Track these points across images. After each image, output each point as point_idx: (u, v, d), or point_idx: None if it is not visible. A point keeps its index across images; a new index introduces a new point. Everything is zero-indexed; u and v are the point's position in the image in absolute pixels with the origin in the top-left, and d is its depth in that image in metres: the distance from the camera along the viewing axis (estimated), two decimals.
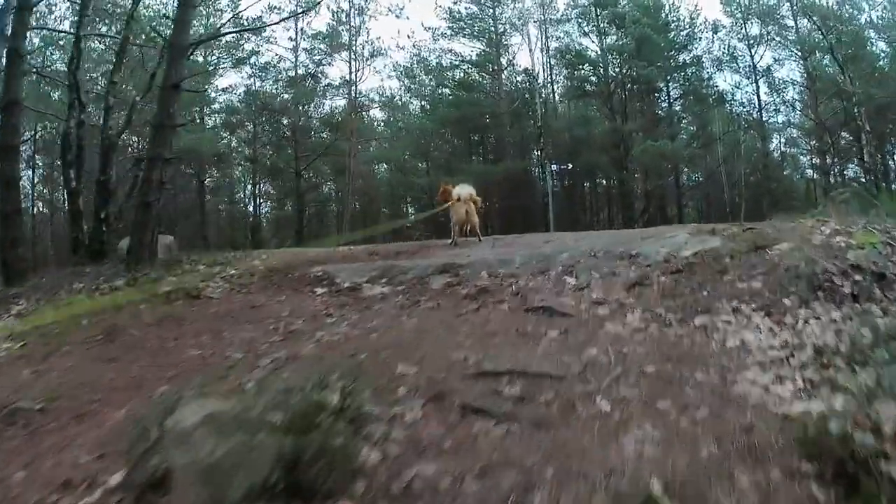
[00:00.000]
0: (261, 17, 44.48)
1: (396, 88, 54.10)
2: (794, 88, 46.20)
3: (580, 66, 47.30)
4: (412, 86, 51.13)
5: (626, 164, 44.10)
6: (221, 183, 52.27)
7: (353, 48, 47.04)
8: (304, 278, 10.76)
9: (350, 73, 47.50)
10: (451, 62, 48.92)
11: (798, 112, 47.43)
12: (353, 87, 47.80)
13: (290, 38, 47.03)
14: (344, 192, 47.20)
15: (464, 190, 14.06)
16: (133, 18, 20.40)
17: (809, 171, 50.47)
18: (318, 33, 46.96)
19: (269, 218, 53.05)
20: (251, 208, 51.92)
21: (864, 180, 42.43)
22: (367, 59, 47.66)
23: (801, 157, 50.93)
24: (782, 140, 49.48)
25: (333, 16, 46.86)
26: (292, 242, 43.17)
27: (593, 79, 47.46)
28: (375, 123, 54.19)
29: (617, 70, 46.10)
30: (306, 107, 48.63)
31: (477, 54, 48.84)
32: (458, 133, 50.44)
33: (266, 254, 14.51)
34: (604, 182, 51.64)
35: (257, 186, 51.59)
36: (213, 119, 48.95)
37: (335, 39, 46.84)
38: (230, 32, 19.80)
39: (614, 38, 45.67)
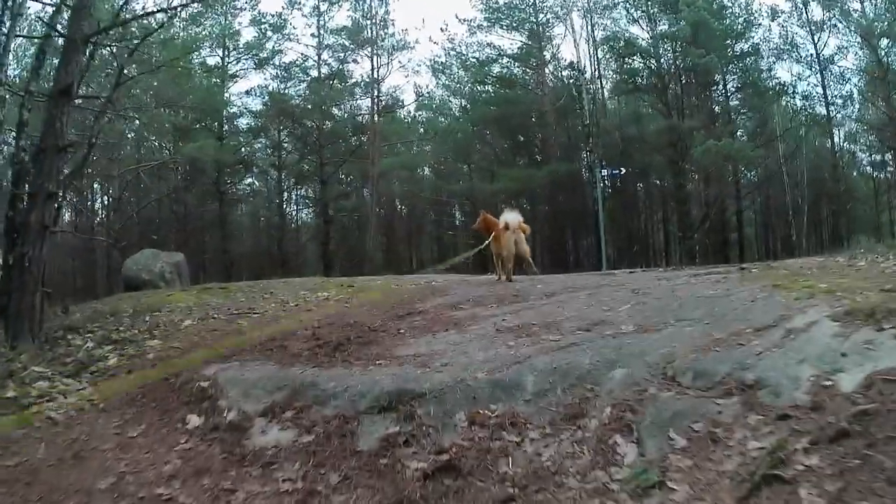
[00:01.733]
0: (281, 13, 41.84)
1: (433, 87, 49.72)
2: (860, 79, 40.91)
3: (630, 57, 42.26)
4: (449, 83, 47.00)
5: (683, 165, 39.33)
6: (260, 191, 49.78)
7: (376, 42, 43.01)
8: (186, 391, 6.77)
9: (373, 69, 43.48)
10: (488, 56, 44.70)
11: (858, 105, 42.48)
12: (375, 86, 43.66)
13: (313, 35, 43.46)
14: (370, 202, 42.99)
15: (512, 217, 11.98)
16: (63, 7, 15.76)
17: (868, 169, 46.65)
18: (342, 28, 43.24)
19: (310, 226, 49.25)
20: (284, 218, 48.30)
21: None
22: (392, 54, 43.37)
23: (860, 153, 46.55)
24: (841, 135, 44.75)
25: (354, 6, 43.10)
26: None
27: (644, 72, 42.22)
28: (417, 124, 50.29)
29: (671, 60, 41.16)
30: (331, 108, 44.58)
31: (517, 47, 44.59)
32: (500, 133, 46.19)
33: (193, 318, 10.42)
34: (656, 183, 46.78)
35: (283, 195, 48.25)
36: (235, 124, 45.66)
37: (358, 33, 42.87)
38: (140, 16, 15.21)
39: (666, 25, 40.54)
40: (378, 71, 43.13)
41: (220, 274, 38.16)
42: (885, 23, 36.69)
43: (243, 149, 44.90)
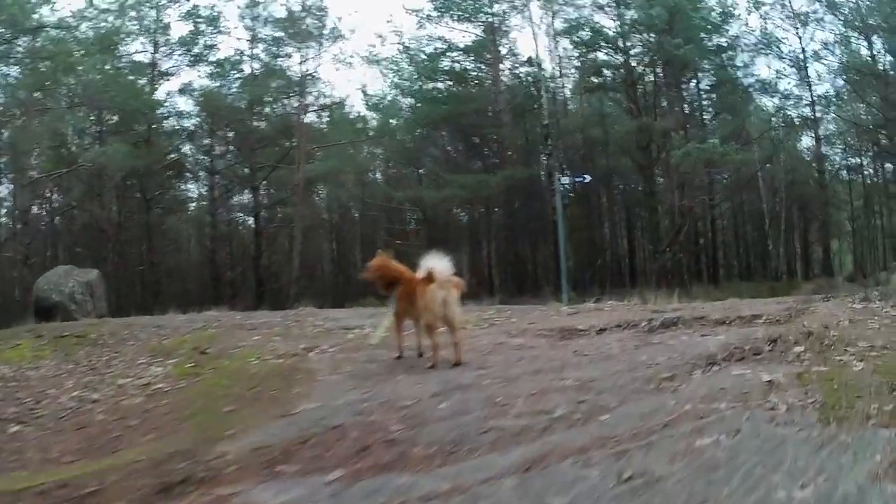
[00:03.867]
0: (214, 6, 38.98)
1: (382, 85, 46.12)
2: (845, 76, 37.75)
3: (596, 50, 38.02)
4: (399, 81, 42.94)
5: (654, 170, 35.85)
6: (201, 198, 46.53)
7: (309, 32, 38.76)
8: None
9: (302, 62, 39.31)
10: (437, 49, 40.43)
11: (841, 105, 40.19)
12: (305, 81, 39.49)
13: (247, 28, 39.76)
14: (296, 215, 38.75)
15: (439, 265, 7.25)
16: None
17: (844, 173, 44.81)
18: (276, 18, 39.54)
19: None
20: (216, 228, 44.06)
21: None
22: (323, 45, 39.22)
23: (836, 156, 44.24)
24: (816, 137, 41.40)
25: None
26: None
27: (611, 67, 38.43)
28: (367, 125, 46.47)
29: (641, 53, 37.23)
30: (262, 108, 41.33)
31: (470, 40, 40.39)
32: (451, 135, 42.92)
33: None
34: (622, 189, 44.17)
35: (214, 203, 43.78)
36: (166, 125, 42.17)
37: (294, 23, 38.67)
38: None
39: (637, 13, 36.06)
40: (307, 64, 39.38)
41: (146, 290, 36.42)
42: (881, 16, 33.29)
43: (175, 152, 41.90)
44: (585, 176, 31.59)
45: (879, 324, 7.19)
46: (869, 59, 35.18)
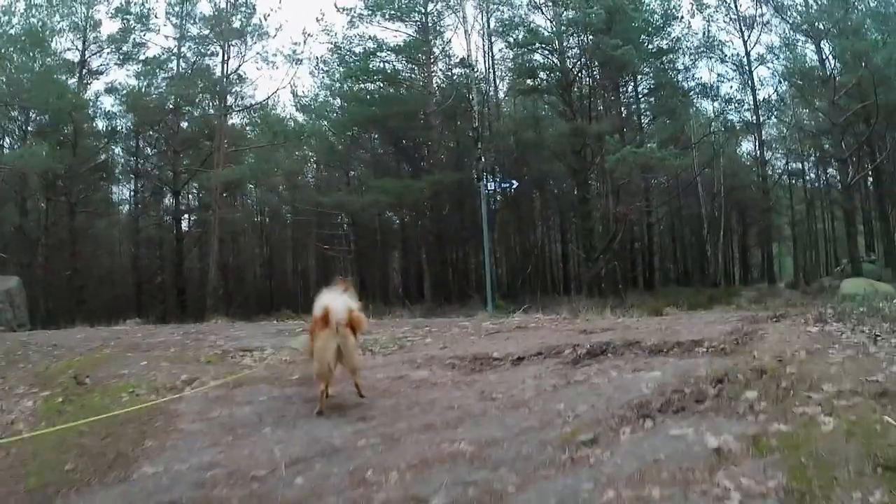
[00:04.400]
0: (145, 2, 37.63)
1: (312, 86, 44.50)
2: (791, 81, 37.57)
3: (531, 51, 36.51)
4: (331, 82, 41.50)
5: (587, 175, 34.83)
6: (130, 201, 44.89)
7: (232, 30, 37.27)
8: None
9: (224, 61, 37.85)
10: (367, 50, 38.45)
11: (786, 109, 39.96)
12: (225, 81, 37.80)
13: (175, 26, 38.08)
14: (214, 219, 37.07)
15: (336, 304, 6.13)
16: None
17: (785, 178, 45.00)
18: (204, 16, 38.17)
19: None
20: (139, 233, 42.31)
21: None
22: (247, 43, 37.94)
23: (777, 161, 44.40)
24: (757, 142, 41.09)
25: None
26: None
27: (542, 72, 37.19)
28: (300, 127, 43.33)
29: (577, 53, 35.92)
30: (189, 109, 39.62)
31: (402, 40, 38.57)
32: (381, 138, 41.52)
33: None
34: (556, 193, 42.95)
35: (138, 207, 42.76)
36: (91, 125, 40.22)
37: (221, 22, 37.13)
38: None
39: (571, 13, 34.63)
40: (232, 63, 38.04)
41: (72, 297, 34.96)
42: (830, 20, 32.68)
43: (103, 153, 40.27)
44: (512, 182, 30.36)
45: (842, 356, 6.13)
46: (816, 63, 34.76)
